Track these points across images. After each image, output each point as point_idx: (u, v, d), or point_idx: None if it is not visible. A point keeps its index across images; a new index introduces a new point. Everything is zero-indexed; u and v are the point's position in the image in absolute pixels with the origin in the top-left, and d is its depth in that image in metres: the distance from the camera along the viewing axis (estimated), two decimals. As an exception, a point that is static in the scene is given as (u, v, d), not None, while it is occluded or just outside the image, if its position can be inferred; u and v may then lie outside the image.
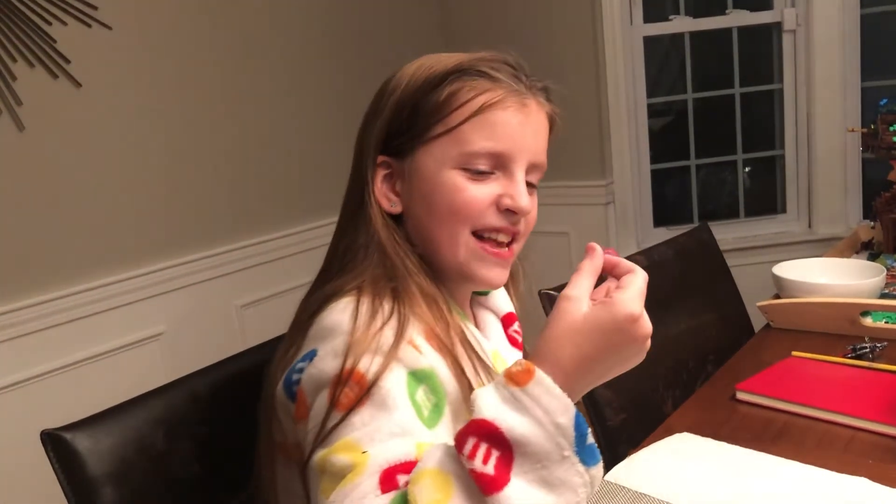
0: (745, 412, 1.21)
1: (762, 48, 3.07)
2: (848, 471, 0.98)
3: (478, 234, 0.88)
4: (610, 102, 3.01)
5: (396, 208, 0.90)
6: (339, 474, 0.68)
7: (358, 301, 0.81)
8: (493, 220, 0.87)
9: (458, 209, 0.86)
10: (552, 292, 1.36)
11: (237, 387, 1.02)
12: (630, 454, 1.09)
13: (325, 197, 2.67)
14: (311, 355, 0.79)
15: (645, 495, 0.98)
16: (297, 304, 0.91)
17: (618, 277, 0.74)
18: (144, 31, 2.22)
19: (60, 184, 2.04)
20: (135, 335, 2.21)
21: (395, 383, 0.74)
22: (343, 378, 0.74)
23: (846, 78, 2.91)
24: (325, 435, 0.73)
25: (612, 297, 0.69)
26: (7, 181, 1.93)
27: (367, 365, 0.74)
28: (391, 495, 0.64)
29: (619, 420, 1.35)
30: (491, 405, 0.64)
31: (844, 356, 1.36)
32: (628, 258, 1.59)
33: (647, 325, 0.70)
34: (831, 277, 1.64)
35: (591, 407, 1.34)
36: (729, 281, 1.82)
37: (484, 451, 0.62)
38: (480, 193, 0.86)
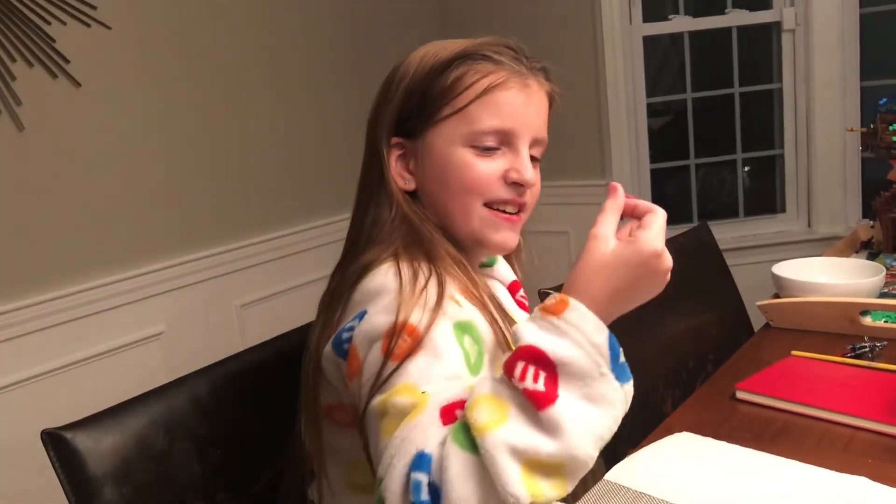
0: (744, 412, 1.21)
1: (761, 48, 3.07)
2: (848, 470, 0.98)
3: (489, 206, 0.94)
4: (609, 102, 3.01)
5: (411, 185, 0.97)
6: (402, 413, 0.73)
7: (398, 265, 0.87)
8: (502, 192, 0.94)
9: (469, 184, 0.92)
10: (552, 291, 1.36)
11: (237, 386, 1.02)
12: (630, 454, 1.09)
13: (325, 196, 2.67)
14: (362, 315, 0.84)
15: (645, 495, 0.98)
16: (298, 302, 0.94)
17: (639, 218, 0.80)
18: (144, 30, 2.22)
19: (60, 183, 2.04)
20: (135, 335, 2.21)
21: (443, 333, 0.80)
22: (397, 330, 0.79)
23: (845, 77, 2.91)
24: (382, 381, 0.78)
25: (636, 236, 0.76)
26: (6, 181, 1.93)
27: (418, 318, 0.80)
28: (452, 426, 0.68)
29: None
30: (533, 334, 0.69)
31: (844, 355, 1.36)
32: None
33: (668, 259, 0.76)
34: (831, 277, 1.64)
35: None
36: (728, 280, 1.82)
37: (533, 372, 0.67)
38: (489, 169, 0.93)
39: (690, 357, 1.58)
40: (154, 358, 2.25)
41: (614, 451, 1.28)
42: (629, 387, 0.71)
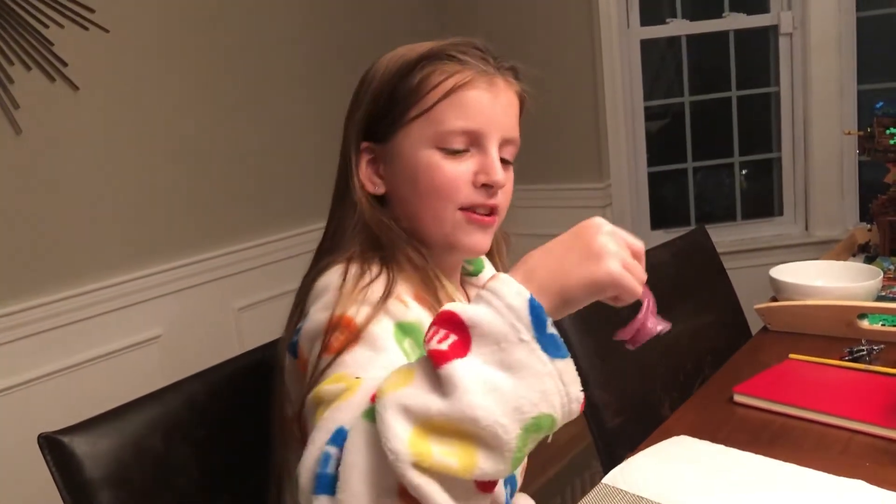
0: (742, 414, 1.22)
1: (759, 51, 3.07)
2: (845, 473, 0.98)
3: (462, 209, 0.93)
4: (607, 105, 3.01)
5: (380, 189, 0.96)
6: (333, 398, 0.71)
7: (347, 265, 0.87)
8: (472, 195, 0.93)
9: (438, 187, 0.91)
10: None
11: (235, 390, 1.02)
12: (628, 457, 1.09)
13: (322, 200, 2.65)
14: (306, 314, 0.86)
15: (643, 498, 0.98)
16: (296, 306, 0.94)
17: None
18: (142, 33, 2.22)
19: (57, 187, 2.04)
20: (132, 338, 2.21)
21: (383, 331, 0.79)
22: (332, 324, 0.79)
23: (842, 81, 2.92)
24: (318, 374, 0.78)
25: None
26: (4, 184, 1.93)
27: (355, 312, 0.80)
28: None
29: (617, 423, 1.35)
30: (454, 304, 0.67)
31: (842, 359, 1.36)
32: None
33: (609, 244, 0.71)
34: (828, 280, 1.64)
35: (589, 409, 1.34)
36: (726, 283, 1.82)
37: (442, 334, 0.65)
38: (457, 171, 0.92)
39: (688, 360, 1.58)
40: (152, 361, 2.25)
41: (612, 455, 1.28)
42: (564, 364, 0.64)
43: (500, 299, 0.65)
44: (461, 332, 0.64)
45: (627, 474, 1.04)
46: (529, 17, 3.07)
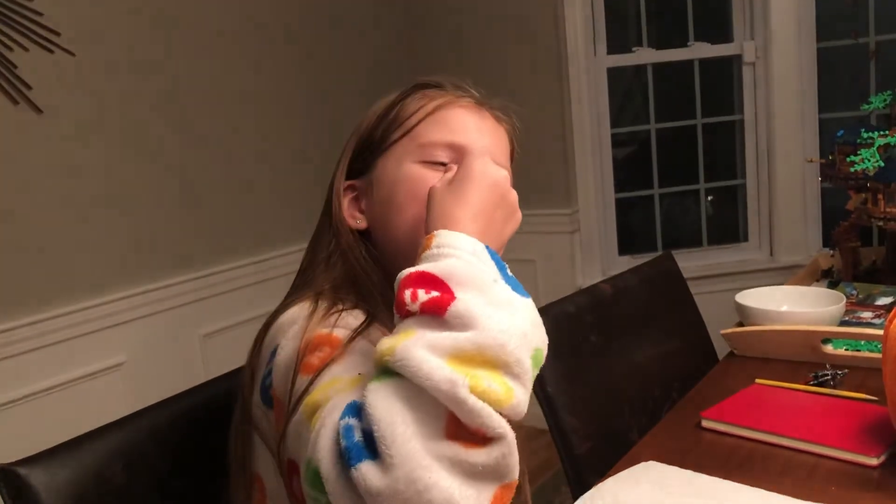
0: (710, 440, 1.22)
1: (723, 80, 3.13)
2: (812, 497, 0.99)
3: None
4: (575, 131, 3.04)
5: (362, 224, 0.92)
6: (331, 396, 0.66)
7: (317, 301, 0.82)
8: None
9: (420, 196, 0.83)
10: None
11: (199, 419, 1.00)
12: (596, 483, 1.09)
13: (288, 226, 2.66)
14: (274, 352, 0.79)
15: (612, 525, 0.98)
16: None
17: None
18: (108, 57, 2.20)
19: (19, 211, 2.01)
20: (95, 365, 2.17)
21: (370, 349, 0.72)
22: (308, 347, 0.74)
23: (804, 109, 2.98)
24: (298, 397, 0.71)
25: None
26: (-36, 208, 1.90)
27: (329, 332, 0.76)
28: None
29: (586, 448, 1.35)
30: (409, 269, 0.66)
31: (807, 383, 1.37)
32: (594, 286, 1.61)
33: (490, 170, 0.75)
34: (793, 305, 1.66)
35: (558, 435, 1.34)
36: (693, 308, 1.83)
37: (423, 290, 0.63)
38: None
39: (656, 385, 1.59)
40: (115, 389, 2.21)
41: (581, 481, 1.28)
42: (531, 303, 0.66)
43: (460, 250, 0.65)
44: (439, 286, 0.63)
45: (597, 500, 1.04)
46: (497, 44, 3.10)
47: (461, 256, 0.65)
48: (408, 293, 0.63)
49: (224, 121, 2.53)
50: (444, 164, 0.86)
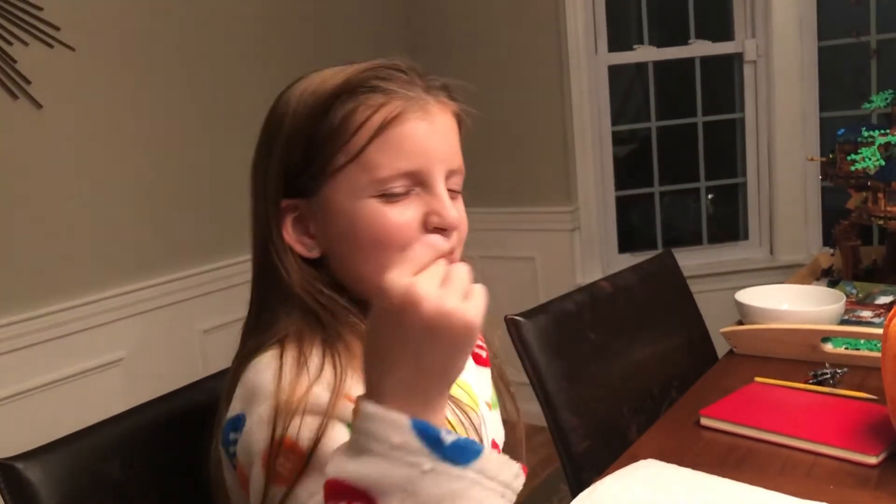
0: (709, 438, 1.22)
1: (724, 78, 3.13)
2: (810, 496, 0.98)
3: None
4: (575, 129, 3.04)
5: (315, 252, 0.83)
6: None
7: (281, 357, 0.76)
8: None
9: (383, 241, 0.79)
10: (518, 318, 1.36)
11: (198, 414, 1.00)
12: (594, 481, 1.09)
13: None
14: (240, 423, 0.75)
15: (610, 523, 0.98)
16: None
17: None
18: (108, 52, 2.20)
19: (18, 206, 2.00)
20: (95, 360, 2.16)
21: (332, 442, 0.69)
22: (275, 450, 0.70)
23: (805, 108, 2.97)
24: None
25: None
26: (-37, 203, 1.89)
27: (297, 430, 0.70)
28: None
29: (585, 447, 1.35)
30: (334, 459, 0.60)
31: (806, 382, 1.37)
32: (593, 284, 1.61)
33: (449, 314, 0.58)
34: (793, 304, 1.66)
35: (557, 433, 1.34)
36: (692, 307, 1.83)
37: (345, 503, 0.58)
38: (404, 218, 0.80)
39: (655, 383, 1.59)
40: (115, 384, 2.20)
41: (580, 479, 1.28)
42: (482, 461, 0.59)
43: (383, 443, 0.58)
44: (360, 497, 0.58)
45: (595, 499, 1.04)
46: (498, 42, 3.09)
47: (380, 453, 0.57)
48: None
49: (224, 114, 2.52)
50: (403, 194, 0.80)
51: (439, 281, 0.60)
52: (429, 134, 0.81)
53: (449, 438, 0.58)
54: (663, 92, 3.17)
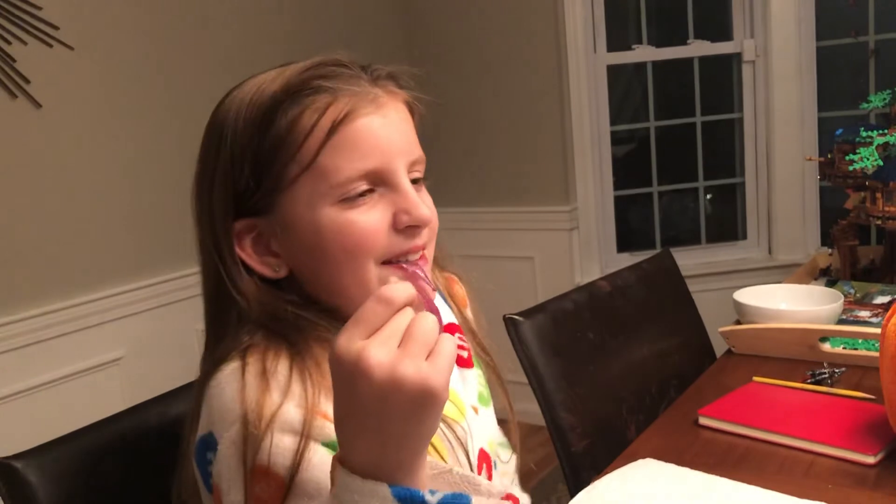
0: (707, 437, 1.22)
1: (723, 78, 3.13)
2: (808, 496, 0.99)
3: (384, 262, 0.77)
4: (574, 129, 3.04)
5: (282, 271, 0.79)
6: None
7: (243, 371, 0.72)
8: (395, 243, 0.76)
9: (353, 247, 0.75)
10: (517, 317, 1.36)
11: (196, 413, 1.00)
12: (593, 480, 1.09)
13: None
14: (213, 444, 0.71)
15: (608, 522, 0.98)
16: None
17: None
18: (107, 51, 2.20)
19: (17, 205, 2.00)
20: (93, 360, 2.17)
21: (313, 467, 0.67)
22: (251, 477, 0.67)
23: (803, 108, 2.98)
24: None
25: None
26: (-38, 202, 1.89)
27: (267, 454, 0.67)
28: None
29: (583, 446, 1.35)
30: None
31: (804, 381, 1.37)
32: (592, 283, 1.61)
33: (378, 368, 0.55)
34: (791, 303, 1.66)
35: (555, 432, 1.34)
36: (691, 306, 1.83)
37: None
38: (372, 220, 0.75)
39: (654, 382, 1.59)
40: (113, 384, 2.20)
41: (578, 478, 1.28)
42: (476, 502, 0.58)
43: None
44: None
45: (594, 498, 1.04)
46: (497, 41, 3.09)
47: None
48: None
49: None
50: (365, 194, 0.76)
51: (397, 341, 0.56)
52: (383, 127, 0.76)
53: (431, 498, 0.57)
54: (662, 92, 3.17)
